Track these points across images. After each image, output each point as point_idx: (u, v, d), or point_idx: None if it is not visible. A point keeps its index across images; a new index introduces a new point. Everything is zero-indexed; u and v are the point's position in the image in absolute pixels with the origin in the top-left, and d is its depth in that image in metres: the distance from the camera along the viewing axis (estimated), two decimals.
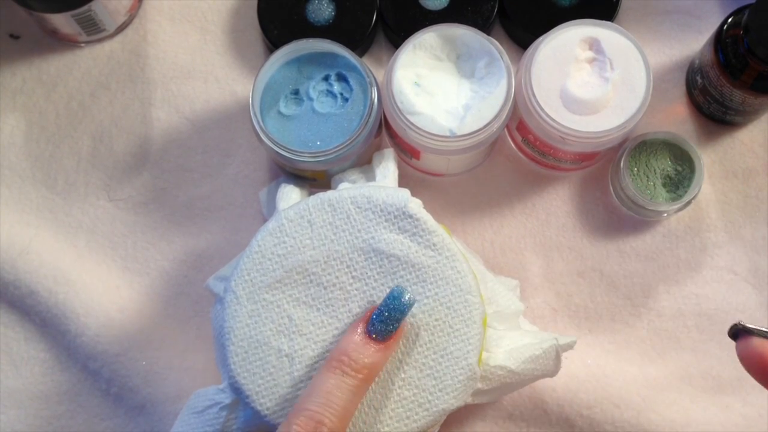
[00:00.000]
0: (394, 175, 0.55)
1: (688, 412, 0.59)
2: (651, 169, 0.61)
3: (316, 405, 0.43)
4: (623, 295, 0.62)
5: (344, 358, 0.44)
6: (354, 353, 0.44)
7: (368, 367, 0.44)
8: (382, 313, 0.45)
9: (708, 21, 0.65)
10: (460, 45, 0.57)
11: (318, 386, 0.44)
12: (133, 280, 0.63)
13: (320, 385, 0.44)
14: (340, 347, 0.45)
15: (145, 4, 0.67)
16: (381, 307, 0.45)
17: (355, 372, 0.44)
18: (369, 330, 0.45)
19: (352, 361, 0.44)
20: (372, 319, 0.45)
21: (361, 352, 0.44)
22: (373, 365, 0.45)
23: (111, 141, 0.65)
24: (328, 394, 0.43)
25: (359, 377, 0.44)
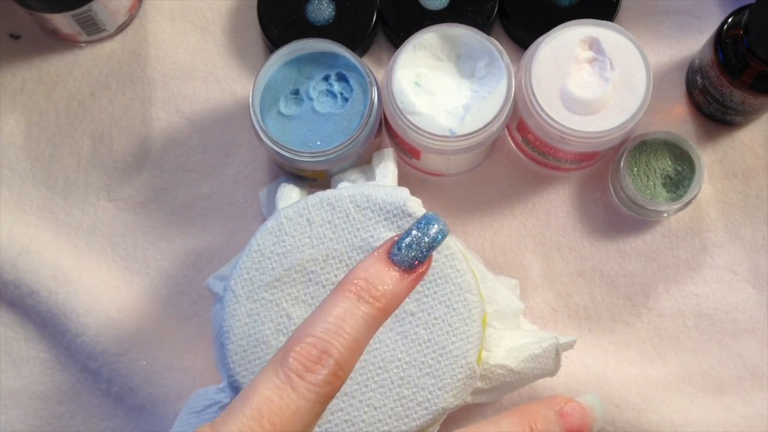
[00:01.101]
0: (393, 175, 0.55)
1: (688, 412, 0.59)
2: (651, 169, 0.61)
3: (322, 331, 0.36)
4: (623, 295, 0.62)
5: (360, 281, 0.37)
6: (373, 277, 0.37)
7: (387, 296, 0.37)
8: (409, 237, 0.38)
9: (708, 21, 0.65)
10: (460, 45, 0.57)
11: (326, 311, 0.36)
12: (133, 280, 0.63)
13: (329, 310, 0.36)
14: (355, 271, 0.38)
15: (145, 4, 0.67)
16: (408, 231, 0.39)
17: (372, 299, 0.37)
18: (392, 256, 0.38)
19: (371, 286, 0.37)
20: (397, 243, 0.38)
21: (381, 278, 0.37)
22: (394, 294, 0.38)
23: (111, 141, 0.65)
24: (339, 320, 0.36)
25: (376, 306, 0.37)
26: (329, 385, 0.35)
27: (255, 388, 0.35)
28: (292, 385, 0.35)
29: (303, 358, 0.35)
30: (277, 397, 0.34)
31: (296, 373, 0.35)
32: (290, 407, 0.34)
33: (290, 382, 0.35)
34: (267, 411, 0.34)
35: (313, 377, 0.35)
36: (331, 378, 0.35)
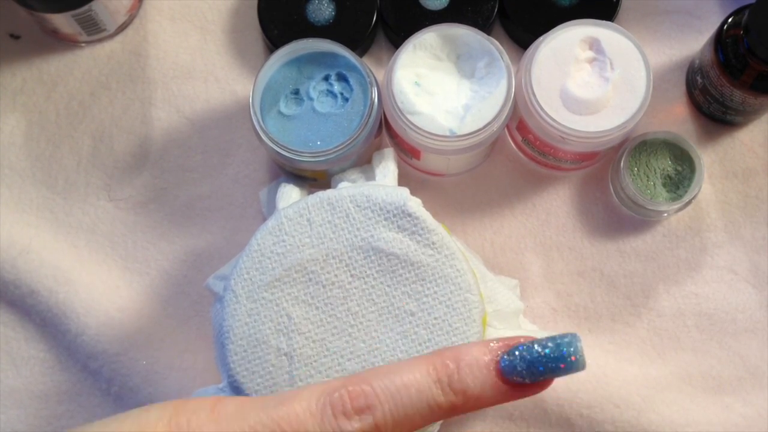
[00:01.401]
0: (393, 175, 0.55)
1: (688, 412, 0.59)
2: (651, 169, 0.61)
3: (382, 389, 0.34)
4: (623, 295, 0.62)
5: (451, 365, 0.34)
6: (466, 369, 0.34)
7: (467, 396, 0.34)
8: (532, 353, 0.34)
9: (708, 21, 0.65)
10: (460, 45, 0.57)
11: (400, 371, 0.34)
12: (133, 280, 0.63)
13: (403, 372, 0.34)
14: (457, 351, 0.34)
15: (145, 4, 0.67)
16: (535, 346, 0.34)
17: (449, 389, 0.34)
18: (502, 359, 0.34)
19: (457, 375, 0.34)
20: (514, 350, 0.34)
21: (474, 373, 0.34)
22: (476, 399, 0.34)
23: (111, 141, 0.65)
24: (404, 387, 0.34)
25: (450, 398, 0.34)
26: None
27: (294, 398, 0.34)
28: (323, 418, 0.34)
29: (347, 401, 0.34)
30: (303, 418, 0.34)
31: (332, 410, 0.34)
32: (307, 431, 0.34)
33: (323, 413, 0.34)
34: (287, 422, 0.34)
35: (345, 424, 0.34)
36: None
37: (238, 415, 0.34)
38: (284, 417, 0.34)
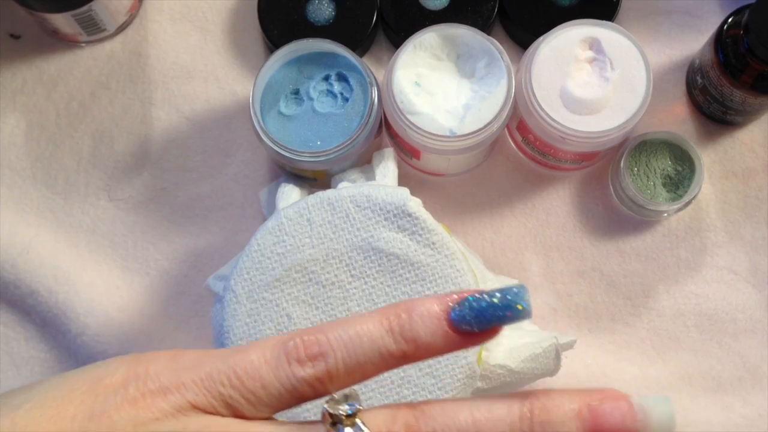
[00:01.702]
0: (394, 175, 0.55)
1: (688, 413, 0.59)
2: (651, 169, 0.61)
3: (336, 337, 0.34)
4: (623, 295, 0.62)
5: (403, 315, 0.35)
6: (417, 318, 0.34)
7: (418, 344, 0.34)
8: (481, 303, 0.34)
9: (708, 21, 0.65)
10: (460, 45, 0.57)
11: (354, 322, 0.35)
12: (133, 280, 0.63)
13: (357, 323, 0.35)
14: (409, 303, 0.35)
15: (145, 4, 0.67)
16: (485, 297, 0.34)
17: (401, 338, 0.34)
18: (453, 309, 0.35)
19: (408, 324, 0.34)
20: (465, 302, 0.35)
21: (425, 323, 0.34)
22: (427, 347, 0.34)
23: (111, 141, 0.65)
24: (357, 336, 0.34)
25: (401, 346, 0.34)
26: (308, 387, 0.34)
27: (250, 348, 0.35)
28: (277, 365, 0.34)
29: (301, 349, 0.34)
30: (258, 365, 0.34)
31: (286, 357, 0.34)
32: (262, 378, 0.34)
33: (277, 360, 0.34)
34: (242, 370, 0.34)
35: (298, 370, 0.34)
36: (314, 381, 0.34)
37: (196, 362, 0.35)
38: (239, 364, 0.34)
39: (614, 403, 0.34)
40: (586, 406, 0.34)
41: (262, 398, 0.34)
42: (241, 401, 0.34)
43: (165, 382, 0.34)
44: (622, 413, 0.33)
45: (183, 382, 0.34)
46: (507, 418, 0.34)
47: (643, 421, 0.33)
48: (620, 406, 0.34)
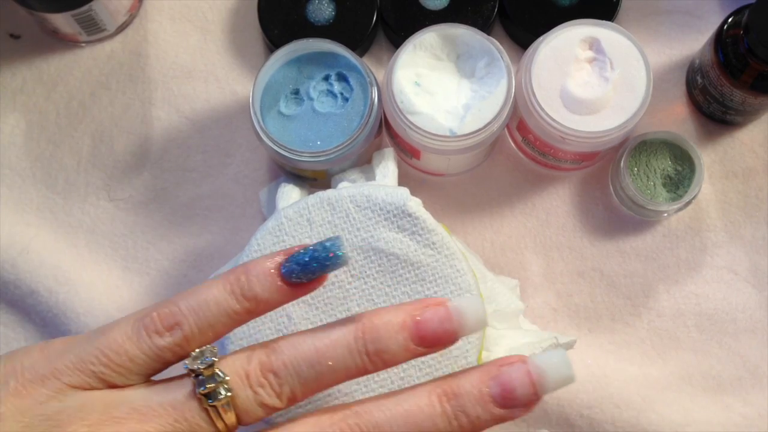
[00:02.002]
0: (394, 175, 0.55)
1: (688, 412, 0.59)
2: (651, 169, 0.61)
3: (186, 306, 0.39)
4: (623, 295, 0.62)
5: (242, 277, 0.40)
6: (254, 278, 0.40)
7: (258, 300, 0.40)
8: (304, 256, 0.40)
9: (708, 21, 0.65)
10: (460, 45, 0.57)
11: (200, 290, 0.40)
12: (133, 280, 0.63)
13: (202, 291, 0.40)
14: (245, 265, 0.40)
15: (145, 4, 0.67)
16: (308, 250, 0.40)
17: (243, 297, 0.40)
18: (283, 265, 0.40)
19: (247, 285, 0.40)
20: (292, 257, 0.40)
21: (261, 281, 0.40)
22: (266, 301, 0.40)
23: (111, 141, 0.65)
24: (204, 302, 0.39)
25: (244, 305, 0.40)
26: (170, 352, 0.39)
27: (111, 328, 0.40)
28: (138, 338, 0.39)
29: (157, 320, 0.39)
30: (122, 341, 0.39)
31: (146, 331, 0.39)
32: (128, 353, 0.39)
33: (138, 335, 0.39)
34: (108, 348, 0.39)
35: (158, 339, 0.39)
36: (174, 347, 0.39)
37: (65, 349, 0.39)
38: (105, 343, 0.39)
39: (433, 310, 0.40)
40: (409, 317, 0.39)
41: (131, 369, 0.39)
42: (112, 375, 0.39)
43: (41, 371, 0.38)
44: (440, 317, 0.39)
45: (57, 368, 0.38)
46: (344, 340, 0.39)
47: (459, 320, 0.39)
48: (438, 311, 0.40)
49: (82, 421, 0.38)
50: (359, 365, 0.39)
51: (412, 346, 0.39)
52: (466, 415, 0.39)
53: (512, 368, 0.39)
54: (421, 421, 0.39)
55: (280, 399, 0.39)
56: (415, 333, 0.40)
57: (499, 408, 0.39)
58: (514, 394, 0.39)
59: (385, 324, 0.40)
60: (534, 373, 0.39)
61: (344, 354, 0.39)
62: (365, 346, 0.39)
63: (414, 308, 0.40)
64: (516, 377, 0.39)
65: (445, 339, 0.40)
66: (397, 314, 0.40)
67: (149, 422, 0.38)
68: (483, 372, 0.40)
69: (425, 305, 0.40)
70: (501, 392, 0.39)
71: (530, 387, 0.39)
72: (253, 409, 0.39)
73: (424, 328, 0.40)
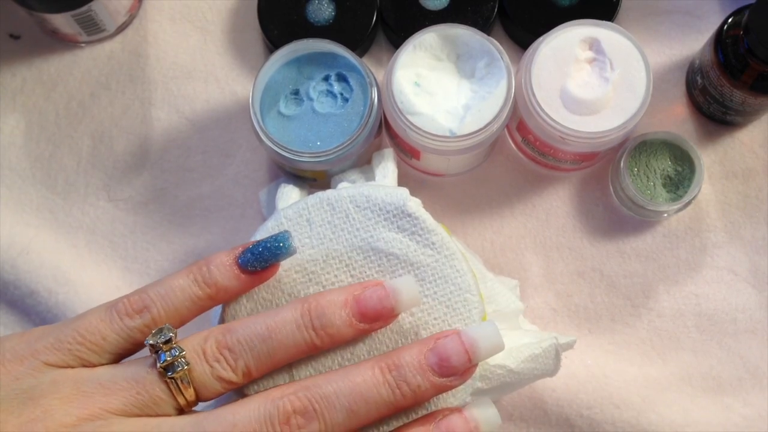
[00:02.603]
0: (393, 175, 0.55)
1: (688, 412, 0.59)
2: (651, 169, 0.61)
3: (154, 293, 0.44)
4: (623, 295, 0.62)
5: (204, 267, 0.44)
6: (214, 268, 0.44)
7: (218, 287, 0.44)
8: (257, 247, 0.45)
9: (708, 21, 0.65)
10: (460, 45, 0.57)
11: (167, 280, 0.44)
12: (133, 281, 0.63)
13: (169, 280, 0.44)
14: (208, 258, 0.45)
15: (145, 4, 0.67)
16: (260, 242, 0.45)
17: (204, 284, 0.44)
18: (240, 256, 0.45)
19: (208, 274, 0.44)
20: (247, 249, 0.45)
21: (220, 270, 0.44)
22: (225, 289, 0.45)
23: (111, 141, 0.65)
24: (171, 289, 0.44)
25: (206, 291, 0.44)
26: (140, 332, 0.43)
27: (86, 314, 0.44)
28: (111, 320, 0.43)
29: (128, 305, 0.43)
30: (96, 323, 0.43)
31: (117, 314, 0.43)
32: (101, 332, 0.43)
33: (110, 317, 0.43)
34: (83, 329, 0.43)
35: (128, 321, 0.43)
36: (143, 328, 0.43)
37: (44, 333, 0.43)
38: (81, 325, 0.43)
39: (372, 289, 0.44)
40: (351, 296, 0.44)
41: (104, 347, 0.43)
42: (87, 353, 0.43)
43: (20, 352, 0.42)
44: (378, 295, 0.44)
45: (36, 349, 0.42)
46: (291, 317, 0.43)
47: (395, 297, 0.44)
48: (376, 290, 0.44)
49: (53, 395, 0.41)
50: (307, 340, 0.43)
51: (354, 322, 0.44)
52: (407, 384, 0.42)
53: (447, 339, 0.43)
54: (365, 391, 0.42)
55: (236, 373, 0.43)
56: (356, 309, 0.44)
57: (438, 377, 0.43)
58: (450, 362, 0.43)
59: (328, 302, 0.44)
60: (467, 342, 0.43)
61: (293, 330, 0.43)
62: (311, 322, 0.43)
63: (355, 288, 0.45)
64: (451, 347, 0.43)
65: (385, 314, 0.44)
66: (340, 294, 0.44)
67: (114, 395, 0.42)
68: (421, 344, 0.44)
69: (365, 286, 0.45)
70: (438, 361, 0.43)
71: (464, 355, 0.43)
72: (211, 383, 0.42)
73: (365, 305, 0.44)
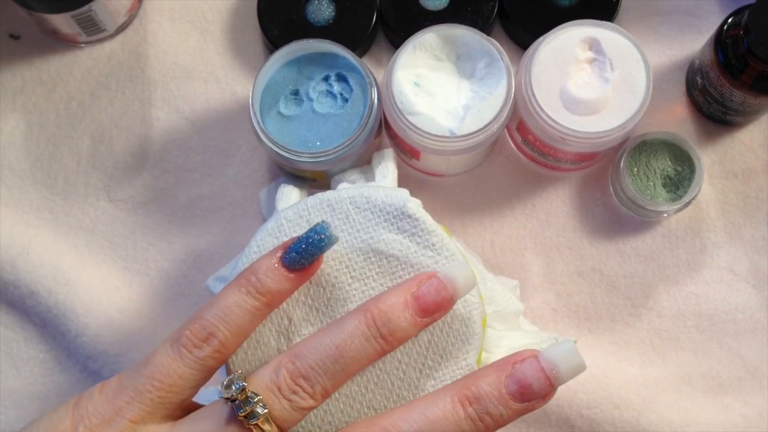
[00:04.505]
0: (393, 175, 0.55)
1: (688, 412, 0.59)
2: (651, 169, 0.61)
3: (213, 316, 0.43)
4: (623, 296, 0.62)
5: (252, 278, 0.44)
6: (263, 275, 0.44)
7: (273, 293, 0.44)
8: (301, 244, 0.44)
9: (708, 21, 0.65)
10: (460, 45, 0.57)
11: (219, 300, 0.44)
12: (133, 281, 0.63)
13: (222, 300, 0.44)
14: (252, 267, 0.45)
15: (145, 5, 0.67)
16: (301, 238, 0.44)
17: (259, 294, 0.44)
18: (284, 257, 0.44)
19: (259, 283, 0.44)
20: (290, 248, 0.44)
21: (270, 276, 0.44)
22: (279, 292, 0.44)
23: (111, 141, 0.65)
24: (227, 309, 0.43)
25: (262, 300, 0.44)
26: (212, 359, 0.43)
27: (153, 356, 0.43)
28: (181, 357, 0.43)
29: (193, 336, 0.43)
30: (168, 363, 0.43)
31: (185, 348, 0.43)
32: (176, 372, 0.42)
33: (180, 354, 0.43)
34: (158, 373, 0.42)
35: (198, 352, 0.43)
36: (214, 354, 0.43)
37: (120, 386, 0.43)
38: (154, 369, 0.43)
39: (428, 282, 0.44)
40: (409, 295, 0.44)
41: (183, 385, 0.43)
42: (169, 396, 0.42)
43: (105, 414, 0.42)
44: (435, 288, 0.44)
45: (118, 407, 0.42)
46: (358, 330, 0.43)
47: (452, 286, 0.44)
48: (432, 283, 0.44)
49: None
50: (377, 349, 0.43)
51: (418, 320, 0.44)
52: (489, 416, 0.42)
53: (525, 365, 0.42)
54: (447, 428, 0.42)
55: (315, 399, 0.43)
56: (417, 307, 0.44)
57: (519, 403, 0.42)
58: (531, 389, 0.42)
59: (390, 306, 0.43)
60: (547, 367, 0.42)
61: (362, 342, 0.43)
62: (379, 331, 0.43)
63: (410, 286, 0.44)
64: (531, 373, 0.42)
65: (445, 305, 0.44)
66: (398, 295, 0.44)
67: None
68: (499, 371, 0.43)
69: (419, 281, 0.44)
70: (519, 389, 0.42)
71: (545, 380, 0.42)
72: (291, 415, 0.42)
73: (424, 300, 0.44)
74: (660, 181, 0.60)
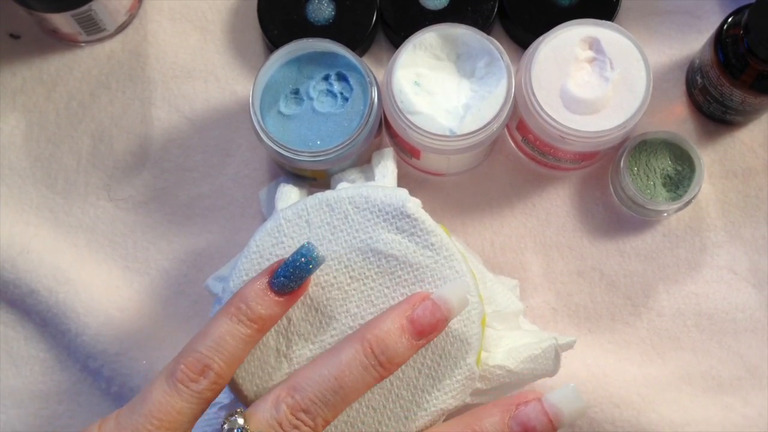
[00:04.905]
0: (393, 175, 0.55)
1: (687, 412, 0.59)
2: (651, 168, 0.60)
3: (206, 348, 0.43)
4: (623, 295, 0.62)
5: (242, 305, 0.44)
6: (252, 302, 0.44)
7: (264, 318, 0.44)
8: (288, 268, 0.44)
9: (708, 21, 0.65)
10: (460, 45, 0.57)
11: (211, 330, 0.44)
12: (133, 280, 0.63)
13: (214, 329, 0.44)
14: (240, 294, 0.44)
15: (145, 4, 0.67)
16: (288, 262, 0.45)
17: (249, 321, 0.44)
18: (272, 282, 0.44)
19: (249, 310, 0.44)
20: (277, 272, 0.45)
21: (259, 303, 0.44)
22: (270, 317, 0.44)
23: (111, 141, 0.65)
24: (220, 339, 0.43)
25: (254, 327, 0.44)
26: (209, 391, 0.43)
27: (149, 392, 0.43)
28: (178, 392, 0.42)
29: (188, 370, 0.43)
30: (165, 400, 0.42)
31: (182, 383, 0.42)
32: (174, 408, 0.42)
33: (176, 389, 0.42)
34: (156, 411, 0.42)
35: (195, 386, 0.43)
36: (211, 386, 0.43)
37: (118, 426, 0.42)
38: (151, 407, 0.42)
39: (422, 305, 0.44)
40: (404, 319, 0.44)
41: (181, 420, 0.42)
42: None
43: None
44: (430, 310, 0.44)
45: None
46: (356, 360, 0.43)
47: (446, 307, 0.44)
48: (426, 305, 0.44)
49: None
50: (376, 376, 0.43)
51: (414, 342, 0.44)
52: None
53: (529, 408, 0.44)
54: None
55: (316, 430, 0.43)
56: (413, 331, 0.44)
57: None
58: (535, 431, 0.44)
59: (386, 333, 0.44)
60: (550, 411, 0.44)
61: (361, 372, 0.43)
62: (377, 359, 0.43)
63: (405, 309, 0.45)
64: (534, 417, 0.44)
65: (440, 326, 0.44)
66: (394, 320, 0.44)
67: None
68: (503, 412, 0.44)
69: (413, 303, 0.45)
70: (523, 431, 0.44)
71: (548, 424, 0.43)
72: None
73: (420, 324, 0.44)
74: (660, 181, 0.60)
